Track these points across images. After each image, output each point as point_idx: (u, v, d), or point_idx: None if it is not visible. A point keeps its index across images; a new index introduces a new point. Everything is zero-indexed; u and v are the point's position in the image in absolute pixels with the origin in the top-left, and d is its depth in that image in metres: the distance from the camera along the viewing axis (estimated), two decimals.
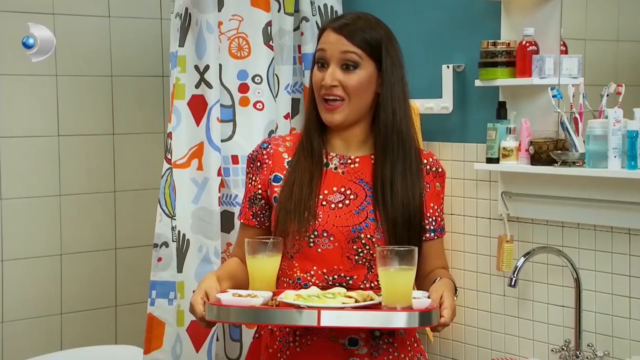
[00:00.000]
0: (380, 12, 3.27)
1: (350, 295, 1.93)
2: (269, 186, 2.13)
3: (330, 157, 2.13)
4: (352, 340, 2.05)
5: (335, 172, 2.11)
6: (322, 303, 1.88)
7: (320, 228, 2.05)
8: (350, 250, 2.05)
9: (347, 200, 2.08)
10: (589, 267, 2.65)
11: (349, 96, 2.06)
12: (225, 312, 1.91)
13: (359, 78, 2.06)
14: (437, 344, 3.10)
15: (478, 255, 2.97)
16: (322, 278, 2.06)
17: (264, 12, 3.11)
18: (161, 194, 3.01)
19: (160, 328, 3.00)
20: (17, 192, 3.39)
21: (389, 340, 2.08)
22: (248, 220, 2.17)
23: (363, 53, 2.06)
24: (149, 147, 3.66)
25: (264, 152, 2.15)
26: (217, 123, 3.02)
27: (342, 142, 2.14)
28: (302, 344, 2.05)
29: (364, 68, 2.07)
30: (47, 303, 3.47)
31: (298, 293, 1.94)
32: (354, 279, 2.06)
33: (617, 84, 2.51)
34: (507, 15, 2.81)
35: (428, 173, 2.16)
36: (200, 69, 3.03)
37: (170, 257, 3.02)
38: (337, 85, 2.05)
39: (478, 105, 2.96)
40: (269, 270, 2.02)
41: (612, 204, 2.55)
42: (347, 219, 2.06)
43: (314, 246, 2.05)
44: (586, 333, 2.65)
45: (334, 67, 2.06)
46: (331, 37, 2.08)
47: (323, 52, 2.08)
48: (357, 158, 2.13)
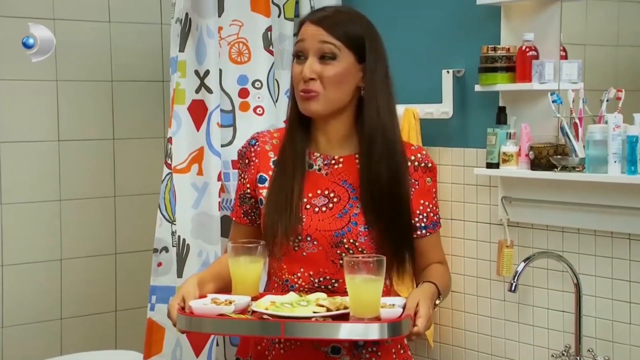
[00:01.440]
0: (379, 17, 3.27)
1: (322, 304, 1.89)
2: (255, 186, 2.12)
3: (314, 158, 2.10)
4: (335, 349, 2.03)
5: (319, 173, 2.09)
6: (291, 312, 1.85)
7: (304, 233, 2.03)
8: (334, 254, 2.03)
9: (331, 204, 2.06)
10: (589, 272, 2.65)
11: (325, 88, 2.02)
12: (195, 322, 1.90)
13: (336, 70, 2.01)
14: (437, 349, 3.10)
15: (478, 260, 2.97)
16: (308, 280, 2.05)
17: (264, 17, 3.12)
18: (161, 199, 3.02)
19: (160, 333, 2.99)
20: (17, 197, 3.39)
21: (372, 349, 2.06)
22: (240, 218, 2.16)
23: (341, 44, 2.01)
24: (149, 152, 3.66)
25: (252, 150, 2.14)
26: (217, 128, 3.03)
27: (325, 138, 2.10)
28: (286, 347, 2.05)
29: (342, 60, 2.02)
30: (47, 308, 3.47)
31: (273, 300, 1.92)
32: (339, 282, 2.04)
33: (617, 89, 2.51)
34: (507, 20, 2.81)
35: (417, 169, 2.12)
36: (200, 74, 3.03)
37: (170, 262, 3.02)
38: (315, 78, 2.01)
39: (478, 110, 2.96)
40: (250, 274, 2.00)
41: (612, 209, 2.55)
42: (330, 223, 2.04)
43: (299, 250, 2.04)
44: (586, 338, 2.65)
45: (312, 58, 2.01)
46: (310, 28, 2.04)
47: (301, 43, 2.04)
48: (341, 158, 2.10)
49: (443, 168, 3.06)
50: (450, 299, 3.04)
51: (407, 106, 3.06)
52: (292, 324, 1.83)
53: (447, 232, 3.05)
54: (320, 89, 2.02)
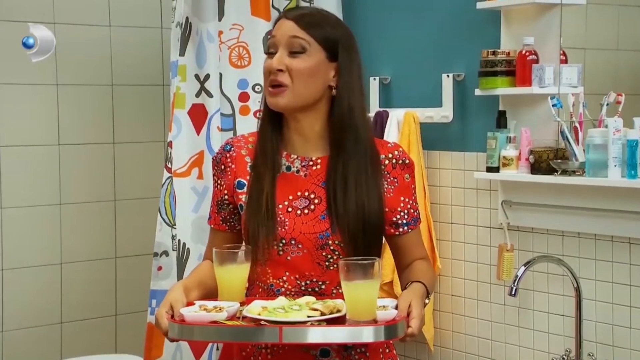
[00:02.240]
0: (380, 21, 3.29)
1: (315, 307, 1.87)
2: (234, 192, 2.10)
3: (291, 160, 2.08)
4: (324, 351, 2.02)
5: (298, 175, 2.07)
6: (286, 317, 1.83)
7: (288, 236, 2.02)
8: (320, 256, 2.02)
9: (312, 205, 2.04)
10: (590, 276, 2.65)
11: (292, 81, 2.00)
12: (188, 330, 1.87)
13: (304, 63, 2.00)
14: (438, 353, 3.10)
15: (478, 264, 2.97)
16: (294, 284, 2.04)
17: (264, 21, 3.12)
18: (161, 203, 3.02)
19: (161, 337, 2.99)
20: (17, 201, 3.39)
21: (361, 349, 2.05)
22: (218, 225, 2.14)
23: (312, 39, 2.01)
24: (149, 156, 3.66)
25: (227, 155, 2.11)
26: (217, 132, 3.03)
27: (301, 138, 2.07)
28: (274, 352, 2.03)
29: (312, 54, 2.01)
30: (47, 312, 3.47)
31: (264, 305, 1.90)
32: (327, 284, 2.03)
33: (617, 93, 2.51)
34: (507, 24, 2.81)
35: (395, 167, 2.09)
36: (200, 78, 3.03)
37: (170, 266, 3.02)
38: (284, 70, 2.00)
39: (478, 114, 2.96)
40: (237, 279, 1.99)
41: (612, 213, 2.55)
42: (313, 226, 2.02)
43: (283, 254, 2.03)
44: (587, 342, 2.65)
45: (282, 51, 2.01)
46: (284, 24, 2.04)
47: (273, 38, 2.04)
48: (319, 159, 2.08)
49: (443, 172, 3.06)
50: (451, 302, 3.04)
51: (407, 110, 3.06)
52: (290, 330, 1.82)
53: (447, 235, 3.05)
54: (289, 81, 2.01)
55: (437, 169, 3.08)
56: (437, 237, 3.03)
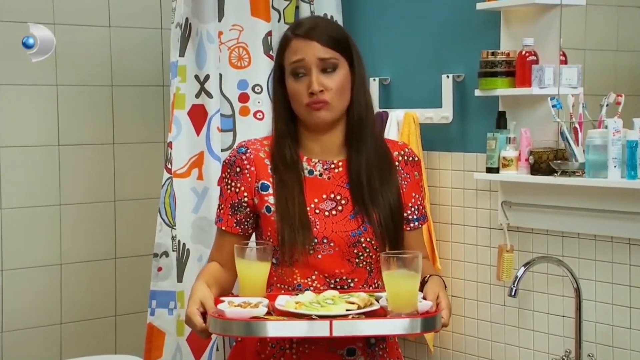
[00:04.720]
0: (380, 22, 3.29)
1: (352, 301, 1.90)
2: (256, 194, 2.10)
3: (312, 164, 2.12)
4: (350, 350, 2.05)
5: (321, 178, 2.11)
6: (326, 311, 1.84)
7: (320, 235, 2.05)
8: (351, 253, 2.06)
9: (340, 206, 2.08)
10: (589, 277, 2.65)
11: (332, 98, 2.06)
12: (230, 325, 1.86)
13: (338, 79, 2.07)
14: (437, 353, 3.10)
15: (478, 265, 2.97)
16: (323, 282, 2.06)
17: (264, 22, 3.12)
18: (161, 204, 3.01)
19: (160, 338, 2.99)
20: (17, 202, 3.39)
21: (382, 346, 2.10)
22: (231, 228, 2.14)
23: (337, 54, 2.08)
24: (149, 156, 3.66)
25: (243, 157, 2.12)
26: (217, 132, 3.03)
27: (319, 145, 2.12)
28: (299, 352, 2.04)
29: (342, 68, 2.09)
30: (47, 313, 3.47)
31: (297, 300, 1.92)
32: (355, 281, 2.06)
33: (617, 93, 2.51)
34: (507, 25, 2.81)
35: (407, 164, 2.16)
36: (200, 78, 3.03)
37: (170, 267, 3.01)
38: (323, 90, 2.05)
39: (478, 115, 2.96)
40: (260, 275, 2.01)
41: (612, 213, 2.55)
42: (344, 225, 2.06)
43: (314, 253, 2.05)
44: (587, 343, 2.65)
45: (316, 73, 2.06)
46: (309, 46, 2.07)
47: (301, 62, 2.07)
48: (340, 162, 2.12)
49: (443, 173, 3.06)
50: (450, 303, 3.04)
51: (407, 111, 3.06)
52: (341, 323, 1.83)
53: (447, 236, 3.05)
54: (330, 98, 2.06)
55: (436, 170, 3.08)
56: (437, 237, 3.03)
